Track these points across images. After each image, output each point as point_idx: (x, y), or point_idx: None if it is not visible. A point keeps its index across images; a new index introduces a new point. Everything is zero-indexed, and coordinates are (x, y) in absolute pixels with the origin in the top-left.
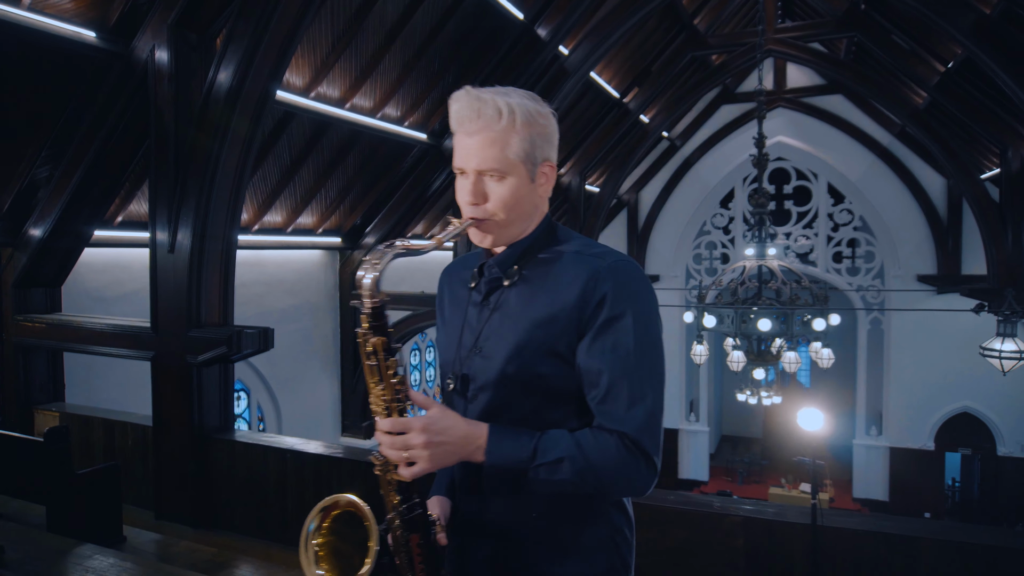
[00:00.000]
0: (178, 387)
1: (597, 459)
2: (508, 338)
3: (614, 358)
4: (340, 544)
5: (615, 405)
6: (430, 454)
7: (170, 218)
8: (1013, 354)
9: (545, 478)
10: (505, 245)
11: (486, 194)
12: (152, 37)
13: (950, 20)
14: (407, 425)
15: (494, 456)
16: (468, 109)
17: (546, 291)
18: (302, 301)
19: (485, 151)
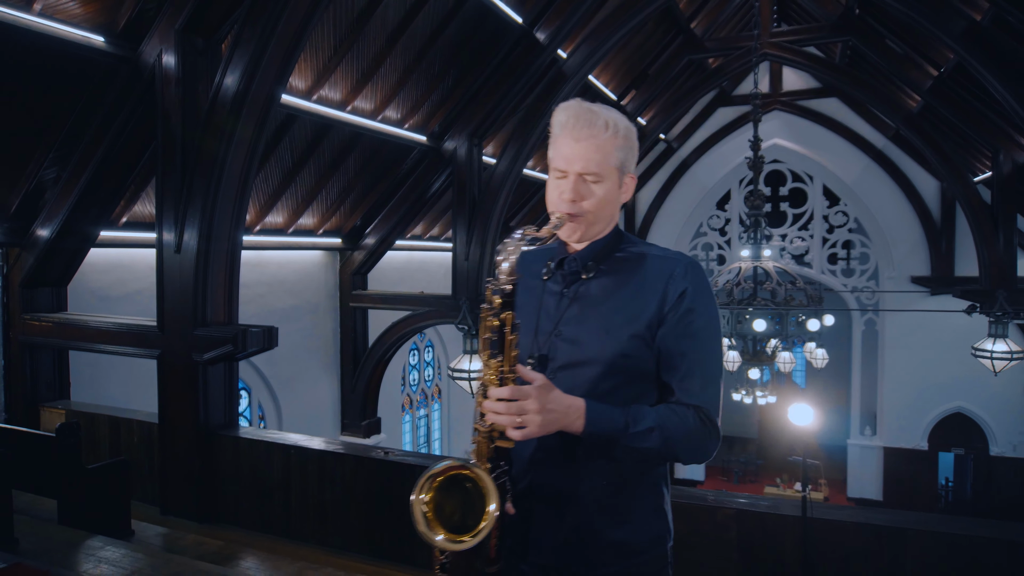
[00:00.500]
0: (184, 385)
1: (678, 429)
2: (593, 323)
3: (693, 344)
4: (445, 505)
5: (693, 384)
6: (541, 420)
7: (176, 219)
8: (1004, 355)
9: (635, 446)
10: (588, 241)
11: (583, 194)
12: (160, 42)
13: (941, 26)
14: (525, 393)
15: (593, 425)
16: (580, 118)
17: (631, 284)
18: (303, 301)
19: (590, 157)
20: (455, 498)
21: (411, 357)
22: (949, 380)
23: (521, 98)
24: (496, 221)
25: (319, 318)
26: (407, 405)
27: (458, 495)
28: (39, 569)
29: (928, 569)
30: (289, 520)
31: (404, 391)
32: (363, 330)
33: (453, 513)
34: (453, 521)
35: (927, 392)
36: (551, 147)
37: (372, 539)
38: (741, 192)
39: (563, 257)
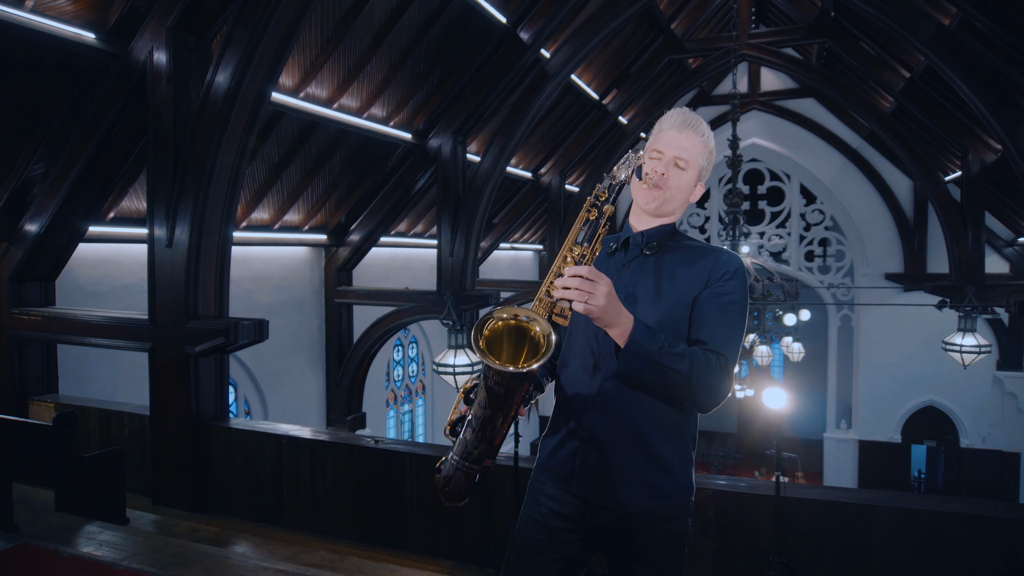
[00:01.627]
0: (176, 377)
1: (703, 363)
2: (647, 288)
3: (721, 309)
4: (502, 343)
5: (719, 337)
6: (604, 303)
7: (168, 214)
8: (972, 348)
9: (667, 364)
10: (656, 217)
11: (672, 174)
12: (151, 39)
13: (911, 30)
14: (599, 275)
15: (638, 332)
16: (688, 119)
17: (682, 265)
18: (288, 297)
19: (685, 147)
20: (508, 344)
21: (395, 353)
22: (921, 374)
23: (504, 97)
24: (480, 218)
25: (305, 314)
26: (391, 400)
27: (514, 343)
28: (46, 548)
29: (893, 542)
30: (281, 508)
31: (388, 386)
32: (348, 326)
33: (504, 350)
34: (503, 356)
35: (900, 386)
36: (654, 138)
37: (363, 525)
38: (720, 190)
39: (627, 236)
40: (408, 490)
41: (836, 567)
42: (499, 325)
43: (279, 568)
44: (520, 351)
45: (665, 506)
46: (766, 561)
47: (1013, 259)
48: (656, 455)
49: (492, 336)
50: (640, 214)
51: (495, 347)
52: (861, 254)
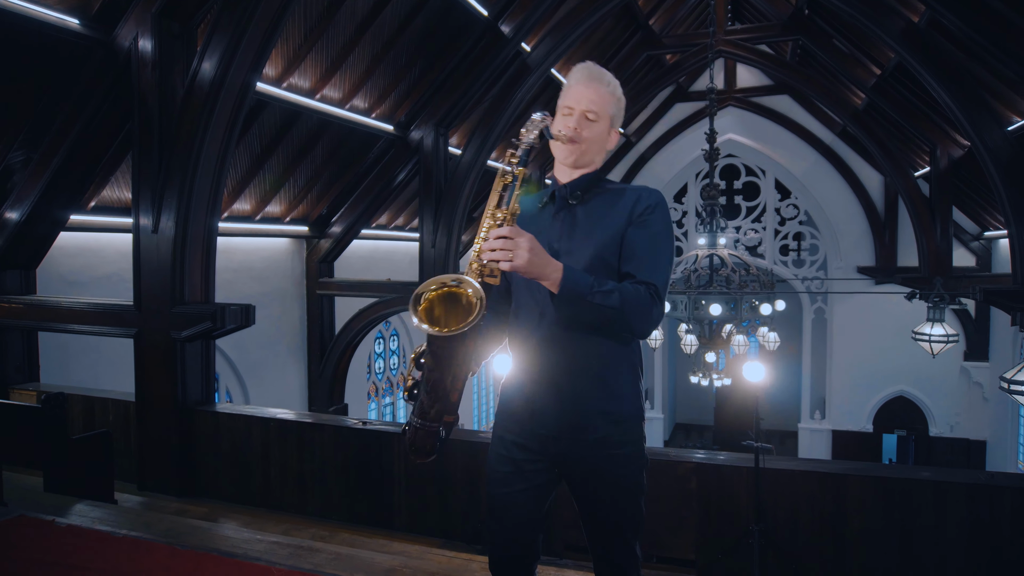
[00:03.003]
0: (162, 362)
1: (632, 296)
2: (582, 238)
3: (648, 239)
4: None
5: (645, 267)
6: (529, 257)
7: (154, 200)
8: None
9: (599, 303)
10: (576, 168)
11: (584, 127)
12: (135, 25)
13: (882, 25)
14: (520, 232)
15: (568, 279)
16: (592, 72)
17: (607, 208)
18: (270, 288)
19: (594, 99)
20: (446, 309)
21: (377, 345)
22: (892, 366)
23: (486, 89)
24: (461, 210)
25: (286, 305)
26: (373, 393)
27: (450, 307)
28: (43, 519)
29: (866, 509)
30: (269, 491)
31: (370, 379)
32: (330, 317)
33: (439, 316)
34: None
35: (872, 377)
36: (563, 94)
37: (351, 506)
38: (697, 185)
39: (555, 189)
40: (395, 470)
41: (812, 534)
42: (432, 294)
43: (273, 540)
44: (455, 314)
45: (622, 430)
46: (746, 529)
47: (979, 253)
48: (607, 384)
49: (428, 306)
50: (562, 168)
51: (432, 314)
52: (834, 248)
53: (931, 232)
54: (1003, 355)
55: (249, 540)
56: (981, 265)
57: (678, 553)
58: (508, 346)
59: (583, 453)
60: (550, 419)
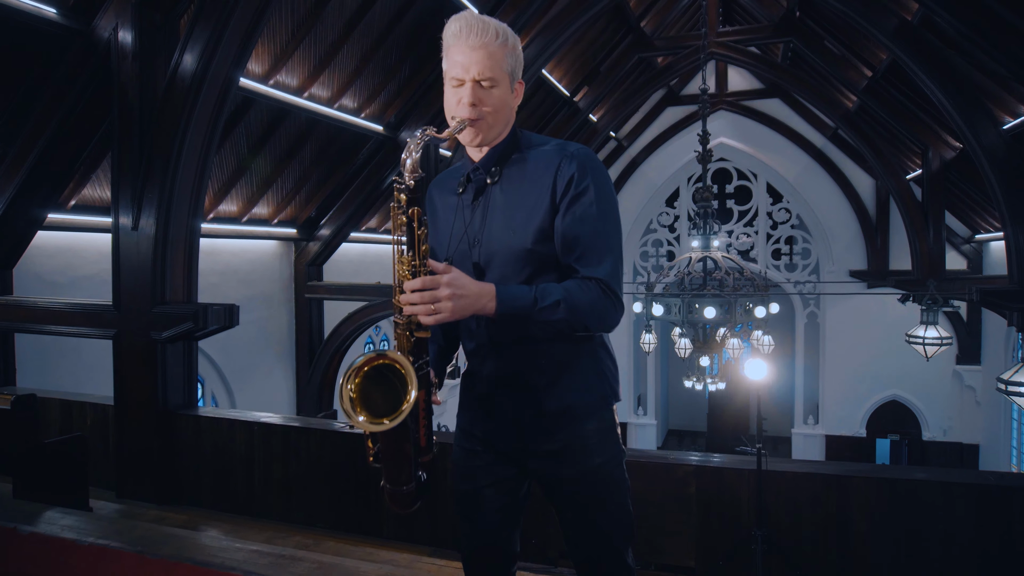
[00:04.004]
0: (142, 364)
1: (582, 300)
2: (498, 224)
3: (584, 223)
4: (371, 392)
5: (591, 259)
6: (453, 305)
7: (134, 197)
8: (934, 340)
9: (545, 319)
10: (489, 145)
11: (482, 99)
12: (115, 15)
13: (875, 23)
14: (435, 281)
15: (504, 305)
16: (473, 27)
17: (526, 183)
18: (257, 292)
19: (485, 63)
20: (382, 388)
21: (366, 350)
22: (885, 370)
23: None
24: None
25: (274, 309)
26: None
27: (385, 386)
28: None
29: (871, 511)
30: (252, 498)
31: None
32: (318, 321)
33: (381, 402)
34: (380, 409)
35: (865, 381)
36: (445, 59)
37: (338, 512)
38: (689, 189)
39: (469, 170)
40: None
41: (816, 538)
42: (359, 380)
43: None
44: (392, 389)
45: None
46: (748, 534)
47: (970, 256)
48: (565, 382)
49: (361, 392)
50: (471, 146)
51: (368, 400)
52: (826, 252)
53: (924, 234)
54: (995, 358)
55: (227, 549)
56: (972, 268)
57: (677, 560)
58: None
59: (549, 451)
60: (507, 422)
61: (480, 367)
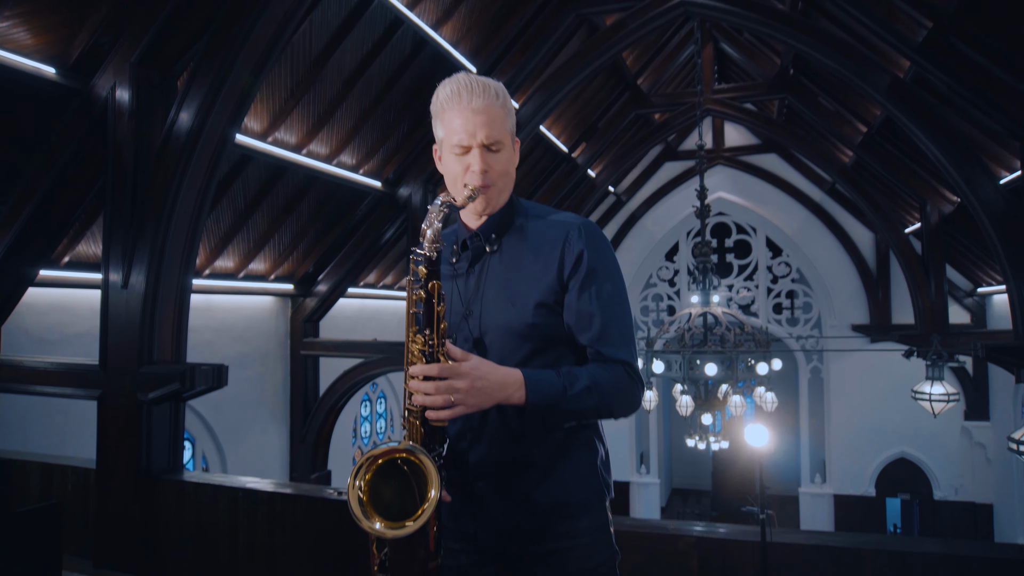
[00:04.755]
0: (126, 426)
1: (610, 384)
2: (498, 296)
3: (601, 303)
4: (381, 489)
5: (612, 340)
6: (473, 396)
7: (124, 254)
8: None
9: (575, 407)
10: (494, 212)
11: (491, 164)
12: (113, 75)
13: (868, 81)
14: (454, 370)
15: (536, 394)
16: (473, 88)
17: (528, 253)
18: (252, 348)
19: (491, 126)
20: (393, 485)
21: (363, 408)
22: (892, 426)
23: None
24: None
25: (269, 366)
26: (358, 457)
27: (397, 482)
28: None
29: None
30: (236, 569)
31: (355, 443)
32: (314, 379)
33: (391, 501)
34: (391, 510)
35: (872, 438)
36: (441, 124)
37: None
38: (688, 244)
39: (465, 237)
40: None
41: None
42: (368, 476)
43: None
44: (406, 487)
45: (580, 528)
46: None
47: (974, 309)
48: (558, 470)
49: (371, 490)
50: (468, 211)
51: (378, 497)
52: (828, 306)
53: (925, 289)
54: (1004, 414)
55: None
56: (976, 322)
57: None
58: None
59: (539, 553)
60: (492, 518)
61: (465, 452)
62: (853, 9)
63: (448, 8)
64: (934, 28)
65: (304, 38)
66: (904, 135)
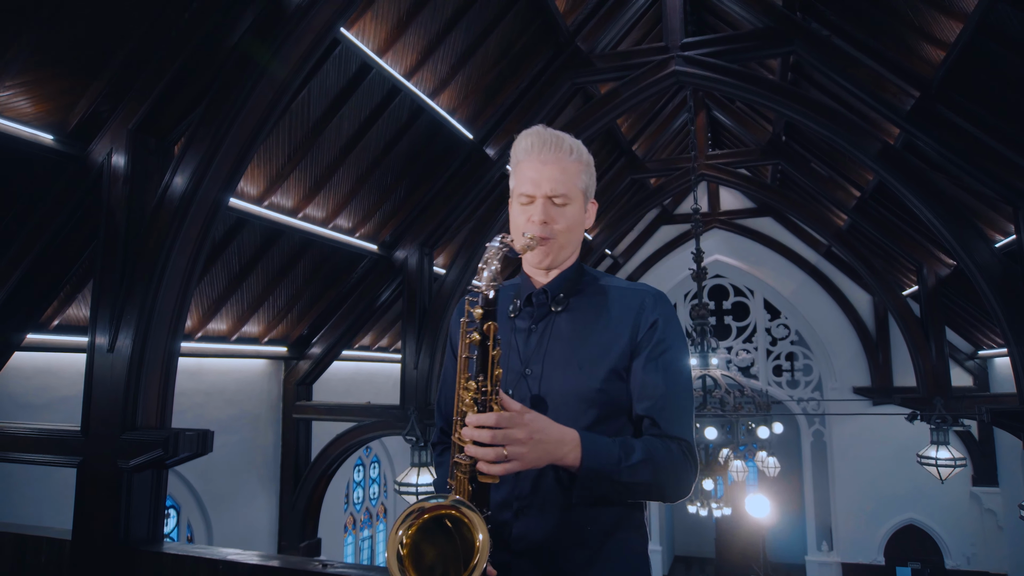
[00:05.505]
0: (105, 494)
1: (665, 461)
2: (566, 358)
3: (668, 376)
4: (425, 551)
5: (673, 416)
6: (530, 450)
7: (112, 317)
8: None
9: (628, 480)
10: (556, 268)
11: (554, 216)
12: (111, 141)
13: (859, 147)
14: (512, 420)
15: (591, 458)
16: (546, 142)
17: (601, 317)
18: (242, 411)
19: (558, 178)
20: (437, 545)
21: (356, 473)
22: (899, 491)
23: (472, 209)
24: (445, 331)
25: (259, 430)
26: (350, 525)
27: (441, 542)
28: None
29: None
30: None
31: (348, 510)
32: (306, 443)
33: (433, 563)
34: (433, 573)
35: (879, 504)
36: (513, 176)
37: None
38: (686, 306)
39: (530, 292)
40: None
41: None
42: (412, 532)
43: None
44: (453, 550)
45: None
46: None
47: (976, 372)
48: (609, 558)
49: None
50: (534, 268)
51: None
52: (828, 368)
53: (926, 351)
54: (1013, 479)
55: None
56: (979, 384)
57: None
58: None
59: None
60: None
61: (508, 525)
62: (841, 79)
63: (445, 78)
64: (921, 97)
65: (302, 105)
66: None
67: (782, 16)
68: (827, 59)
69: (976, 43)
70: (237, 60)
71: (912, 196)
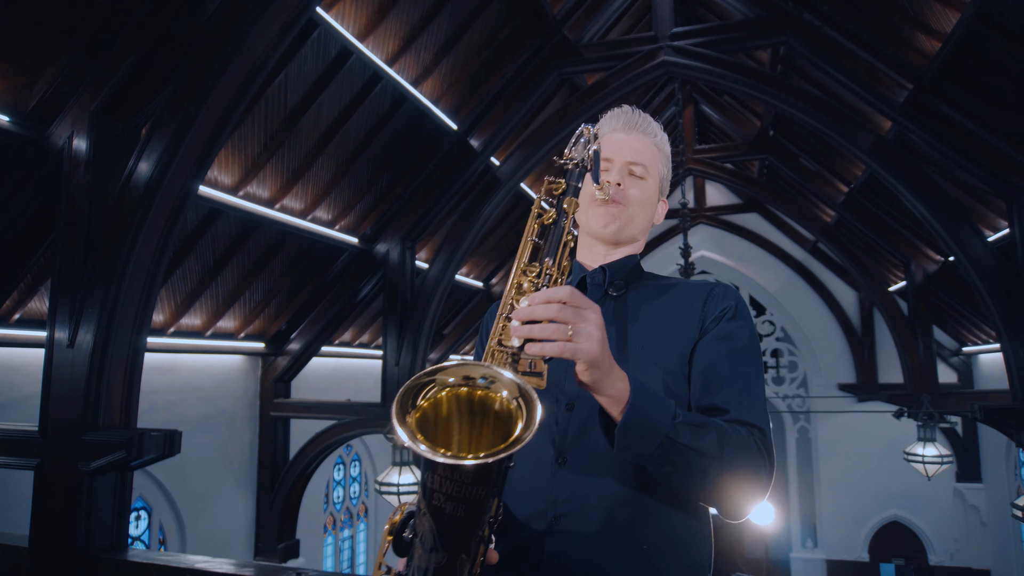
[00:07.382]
0: (64, 499)
1: (738, 441)
2: (626, 345)
3: (738, 362)
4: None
5: (741, 400)
6: (596, 343)
7: (73, 310)
8: (935, 458)
9: (688, 442)
10: (616, 246)
11: (629, 183)
12: (71, 124)
13: (852, 140)
14: (581, 298)
15: (640, 396)
16: (636, 118)
17: (667, 304)
18: (218, 410)
19: (641, 148)
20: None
21: (336, 472)
22: (883, 488)
23: (456, 203)
24: (428, 327)
25: (235, 428)
26: (330, 525)
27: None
28: None
29: None
30: None
31: (327, 509)
32: (284, 442)
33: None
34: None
35: (863, 501)
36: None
37: None
38: None
39: (583, 274)
40: None
41: None
42: (441, 395)
43: None
44: (480, 434)
45: None
46: None
47: (960, 368)
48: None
49: (427, 415)
50: (593, 246)
51: (434, 432)
52: (814, 365)
53: (913, 348)
54: (996, 476)
55: None
56: (963, 381)
57: None
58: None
59: None
60: None
61: (532, 545)
62: (834, 71)
63: (428, 66)
64: (915, 89)
65: (279, 90)
66: (886, 194)
67: (774, 6)
68: (820, 50)
69: (973, 33)
70: (207, 39)
71: (905, 190)
